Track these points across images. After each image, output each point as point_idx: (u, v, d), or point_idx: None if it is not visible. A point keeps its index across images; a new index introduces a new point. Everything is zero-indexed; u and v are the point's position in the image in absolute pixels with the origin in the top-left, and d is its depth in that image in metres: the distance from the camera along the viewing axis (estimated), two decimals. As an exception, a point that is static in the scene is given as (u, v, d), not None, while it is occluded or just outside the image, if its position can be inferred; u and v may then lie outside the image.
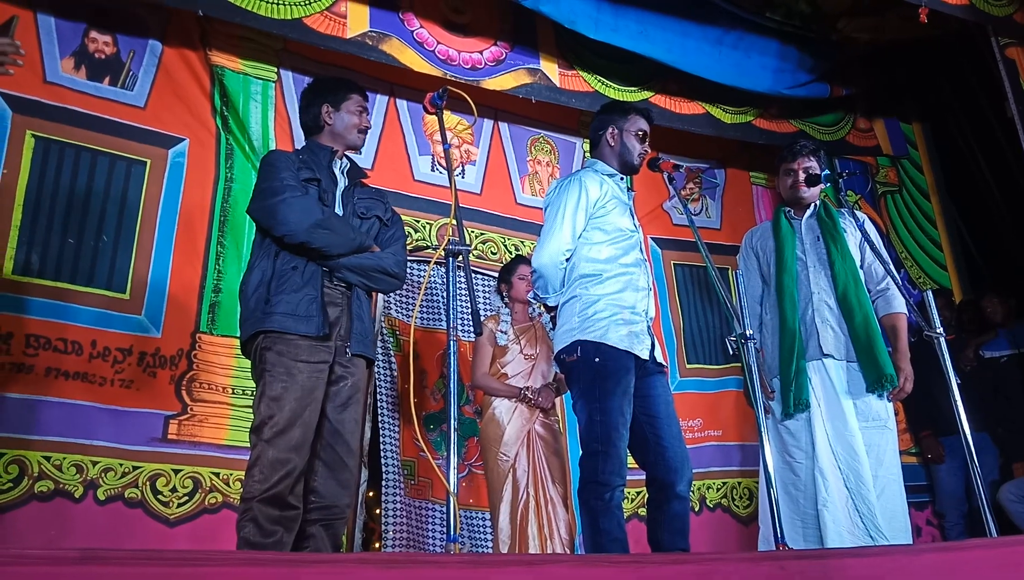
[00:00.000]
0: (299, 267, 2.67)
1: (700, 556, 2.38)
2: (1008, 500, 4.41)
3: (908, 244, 5.92)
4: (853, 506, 3.06)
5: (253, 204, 2.74)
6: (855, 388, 3.21)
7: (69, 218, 3.55)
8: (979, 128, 5.82)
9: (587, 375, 2.76)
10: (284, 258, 2.67)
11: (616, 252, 2.90)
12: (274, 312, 2.59)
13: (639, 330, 2.84)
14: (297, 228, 2.62)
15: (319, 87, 2.99)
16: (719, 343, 5.14)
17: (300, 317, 2.60)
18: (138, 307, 3.60)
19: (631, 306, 2.84)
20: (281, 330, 2.58)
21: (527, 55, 4.70)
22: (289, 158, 2.80)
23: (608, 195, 2.95)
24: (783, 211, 3.56)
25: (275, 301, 2.60)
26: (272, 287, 2.63)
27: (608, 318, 2.78)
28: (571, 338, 2.81)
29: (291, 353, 2.57)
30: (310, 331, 2.59)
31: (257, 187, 2.74)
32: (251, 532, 2.43)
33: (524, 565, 1.57)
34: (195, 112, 4.00)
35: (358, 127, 2.92)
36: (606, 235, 2.91)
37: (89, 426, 3.34)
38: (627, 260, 2.91)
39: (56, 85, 3.67)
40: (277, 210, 2.63)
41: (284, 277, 2.64)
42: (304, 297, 2.63)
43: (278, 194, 2.66)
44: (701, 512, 4.69)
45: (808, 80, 5.34)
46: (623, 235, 2.93)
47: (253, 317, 2.63)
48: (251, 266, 2.74)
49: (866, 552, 2.26)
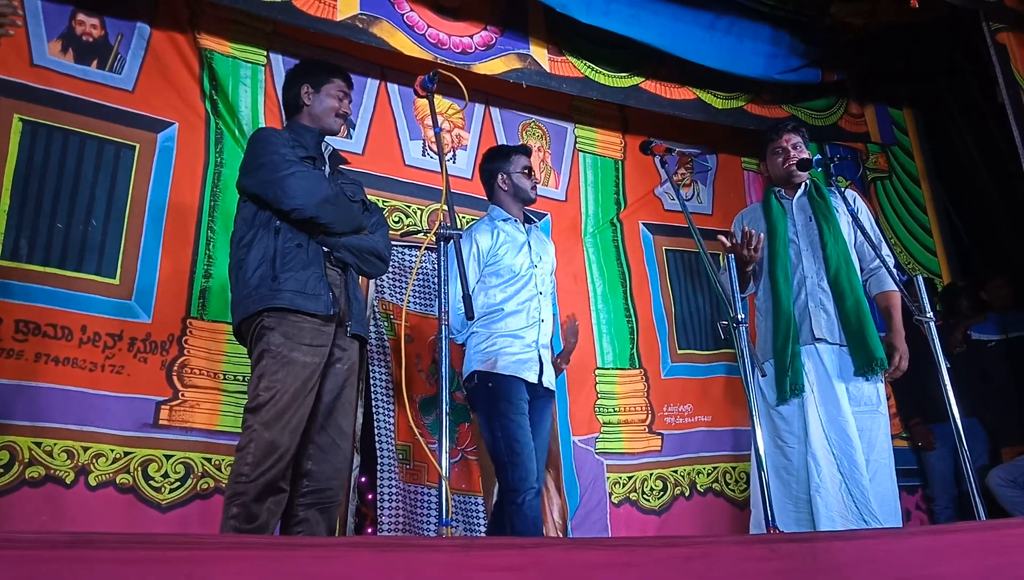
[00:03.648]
0: (303, 245, 2.64)
1: (691, 539, 2.40)
2: (996, 484, 4.45)
3: (898, 230, 5.94)
4: (847, 490, 3.06)
5: (250, 178, 2.71)
6: (847, 372, 3.22)
7: (58, 203, 3.52)
8: (969, 114, 5.82)
9: (484, 399, 3.22)
10: (286, 235, 2.64)
11: (509, 292, 3.36)
12: (283, 289, 2.56)
13: (527, 357, 3.29)
14: (307, 202, 2.60)
15: (302, 67, 3.00)
16: (710, 329, 5.15)
17: (309, 295, 2.58)
18: (128, 292, 3.58)
19: (522, 338, 3.31)
20: (291, 308, 2.55)
21: (517, 40, 4.68)
22: (282, 135, 2.78)
23: (501, 241, 3.41)
24: (773, 192, 3.55)
25: (283, 278, 2.57)
26: (277, 264, 2.59)
27: (498, 350, 3.24)
28: (470, 369, 3.29)
29: (296, 336, 2.55)
30: (319, 310, 2.58)
31: (253, 161, 2.71)
32: (238, 516, 2.42)
33: (516, 548, 1.57)
34: (184, 96, 3.96)
35: (336, 111, 2.91)
36: (500, 278, 3.36)
37: (80, 412, 3.32)
38: (521, 297, 3.36)
39: (43, 68, 3.62)
40: (286, 183, 2.60)
41: (289, 254, 2.61)
42: (312, 275, 2.61)
43: (283, 168, 2.63)
44: (692, 497, 4.71)
45: (800, 65, 5.34)
46: (516, 276, 3.38)
47: (256, 294, 2.59)
48: (246, 243, 2.69)
49: (855, 535, 2.27)
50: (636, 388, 4.79)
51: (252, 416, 2.49)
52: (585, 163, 5.17)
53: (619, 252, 5.06)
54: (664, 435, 4.76)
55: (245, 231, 2.73)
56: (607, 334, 4.82)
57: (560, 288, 4.65)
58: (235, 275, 2.72)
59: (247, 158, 2.78)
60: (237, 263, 2.71)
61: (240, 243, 2.74)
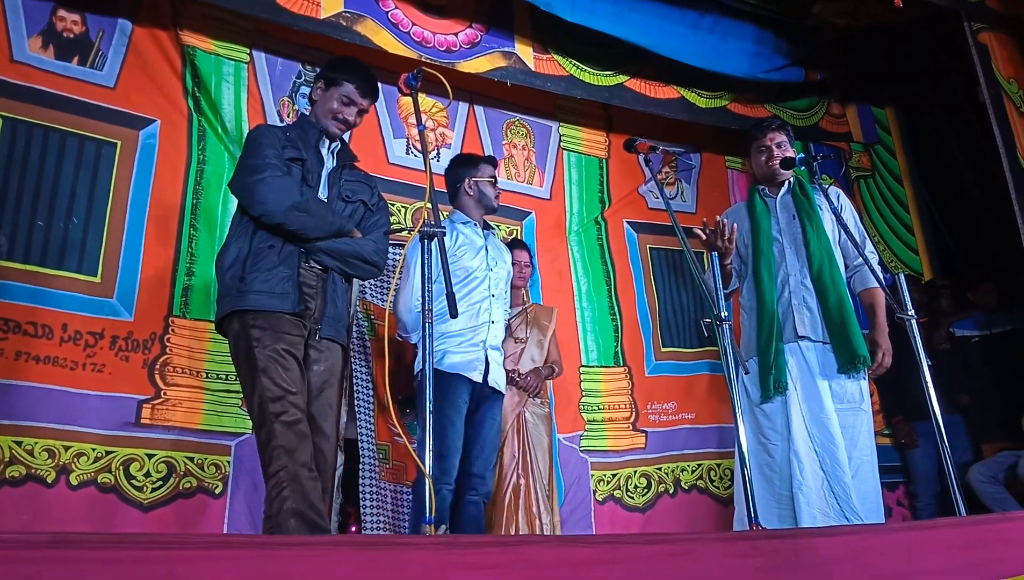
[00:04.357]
0: (276, 246, 2.66)
1: (675, 536, 2.41)
2: (977, 481, 4.49)
3: (880, 228, 5.97)
4: (828, 488, 3.08)
5: (235, 180, 2.75)
6: (831, 370, 3.23)
7: (38, 200, 3.49)
8: (952, 113, 5.87)
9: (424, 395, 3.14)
10: (261, 236, 2.67)
11: (463, 293, 3.41)
12: (249, 290, 2.59)
13: (473, 357, 3.38)
14: (275, 209, 2.61)
15: (329, 63, 3.04)
16: (694, 326, 5.17)
17: (276, 294, 2.60)
18: (110, 290, 3.56)
19: (470, 338, 3.40)
20: (258, 308, 2.57)
21: (502, 38, 4.67)
22: (275, 134, 2.78)
23: (460, 242, 3.51)
24: (758, 190, 3.56)
25: (250, 279, 2.60)
26: (247, 265, 2.63)
27: (444, 349, 3.33)
28: (418, 366, 3.31)
29: (275, 326, 2.58)
30: (285, 307, 2.60)
31: (240, 162, 2.74)
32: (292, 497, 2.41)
33: (500, 546, 1.57)
34: (166, 93, 3.93)
35: (334, 114, 2.89)
36: (455, 279, 3.38)
37: (61, 411, 3.30)
38: (473, 297, 3.45)
39: (23, 64, 3.59)
40: (256, 189, 2.63)
41: (260, 255, 2.64)
42: (278, 275, 2.63)
43: (258, 172, 2.65)
44: (676, 494, 4.73)
45: (784, 64, 5.36)
46: (470, 277, 3.47)
47: (228, 295, 2.63)
48: (227, 243, 2.73)
49: (837, 531, 2.29)
50: (620, 386, 4.80)
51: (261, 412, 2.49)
52: (570, 161, 5.17)
53: (603, 250, 5.07)
54: (648, 432, 4.78)
55: (232, 230, 2.77)
56: (591, 332, 4.83)
57: (544, 286, 4.66)
58: (216, 273, 2.76)
59: (239, 157, 2.80)
60: (217, 261, 2.75)
61: (225, 242, 2.77)
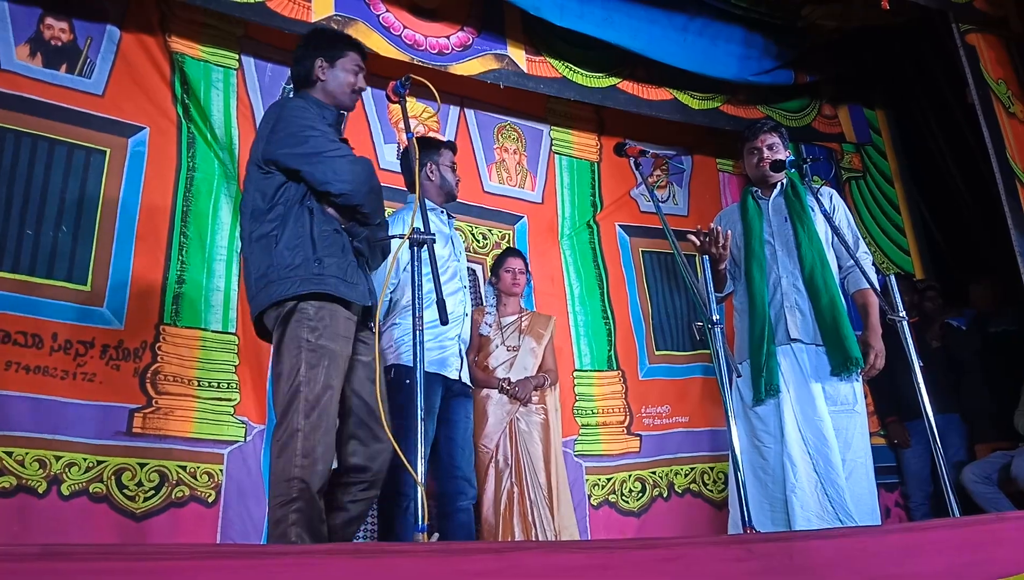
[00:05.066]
0: (339, 231, 2.51)
1: (668, 540, 2.40)
2: (970, 481, 4.50)
3: (872, 229, 5.98)
4: (822, 490, 3.06)
5: (287, 150, 2.48)
6: (823, 372, 3.22)
7: (27, 209, 3.47)
8: (941, 114, 5.89)
9: (398, 394, 3.01)
10: (320, 217, 2.48)
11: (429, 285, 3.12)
12: (326, 274, 2.40)
13: (450, 353, 3.26)
14: (357, 189, 2.48)
15: (315, 38, 2.79)
16: (687, 330, 5.17)
17: (350, 283, 2.46)
18: (100, 299, 3.54)
19: (442, 333, 3.22)
20: (335, 294, 2.41)
21: (494, 40, 4.66)
22: (312, 110, 2.58)
23: None
24: (750, 192, 3.56)
25: (327, 262, 2.41)
26: (319, 247, 2.42)
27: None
28: (387, 362, 3.21)
29: (334, 327, 2.41)
30: (356, 299, 2.47)
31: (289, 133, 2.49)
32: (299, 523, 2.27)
33: (493, 553, 1.57)
34: (155, 100, 3.92)
35: (353, 87, 2.73)
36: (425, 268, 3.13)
37: (51, 420, 3.28)
38: (447, 289, 3.23)
39: (11, 73, 3.57)
40: (338, 166, 2.46)
41: (328, 239, 2.46)
42: (350, 262, 2.49)
43: (332, 148, 2.48)
44: (670, 498, 4.73)
45: (774, 67, 5.37)
46: (444, 269, 3.27)
47: (296, 275, 2.39)
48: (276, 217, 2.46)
49: (831, 534, 2.28)
50: (614, 390, 4.80)
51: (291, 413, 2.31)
52: (561, 165, 5.18)
53: (596, 254, 5.07)
54: (642, 436, 4.78)
55: (265, 204, 2.49)
56: (584, 336, 4.83)
57: (537, 290, 4.65)
58: (257, 248, 2.48)
59: (279, 127, 2.52)
60: (262, 237, 2.47)
61: (265, 217, 2.48)
